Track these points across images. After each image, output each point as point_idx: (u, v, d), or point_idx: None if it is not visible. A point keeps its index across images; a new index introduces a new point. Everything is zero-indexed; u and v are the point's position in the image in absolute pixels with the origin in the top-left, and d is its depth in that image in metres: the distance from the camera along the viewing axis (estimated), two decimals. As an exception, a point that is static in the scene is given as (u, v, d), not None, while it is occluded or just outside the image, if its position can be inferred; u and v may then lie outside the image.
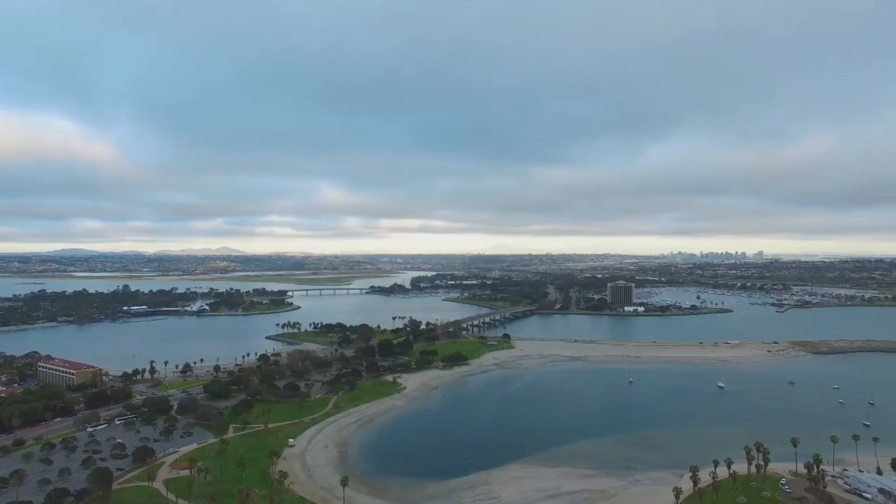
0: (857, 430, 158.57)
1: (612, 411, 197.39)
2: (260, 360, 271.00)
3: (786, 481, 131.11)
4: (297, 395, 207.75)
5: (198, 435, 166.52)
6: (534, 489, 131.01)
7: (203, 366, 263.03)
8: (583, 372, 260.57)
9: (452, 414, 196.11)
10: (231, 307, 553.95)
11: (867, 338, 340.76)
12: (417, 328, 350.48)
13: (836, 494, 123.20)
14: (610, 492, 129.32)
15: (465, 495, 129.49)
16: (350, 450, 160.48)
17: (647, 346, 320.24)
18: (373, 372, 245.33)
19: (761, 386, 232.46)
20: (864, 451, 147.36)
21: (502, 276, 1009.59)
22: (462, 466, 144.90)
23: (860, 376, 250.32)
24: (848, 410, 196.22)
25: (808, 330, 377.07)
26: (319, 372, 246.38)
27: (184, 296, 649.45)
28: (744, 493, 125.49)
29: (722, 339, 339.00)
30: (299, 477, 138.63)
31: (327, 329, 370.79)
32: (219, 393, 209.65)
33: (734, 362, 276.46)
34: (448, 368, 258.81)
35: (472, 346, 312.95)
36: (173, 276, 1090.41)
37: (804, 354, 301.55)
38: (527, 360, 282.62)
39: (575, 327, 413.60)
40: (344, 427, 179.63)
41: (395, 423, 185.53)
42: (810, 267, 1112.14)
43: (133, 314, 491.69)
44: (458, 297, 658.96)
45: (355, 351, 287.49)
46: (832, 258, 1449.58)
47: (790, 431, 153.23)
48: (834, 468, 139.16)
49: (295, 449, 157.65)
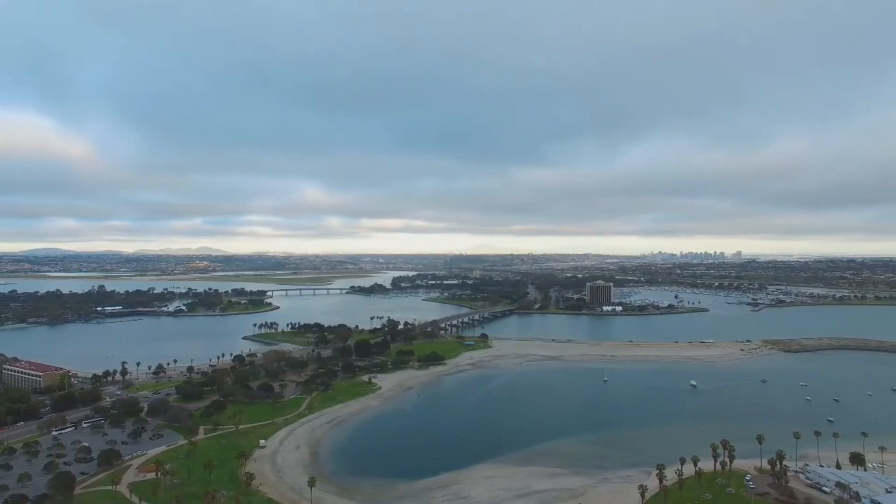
0: (821, 426, 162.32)
1: (586, 410, 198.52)
2: (235, 360, 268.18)
3: (750, 477, 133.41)
4: (270, 395, 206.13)
5: (168, 437, 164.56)
6: (503, 488, 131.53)
7: (177, 367, 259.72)
8: (558, 371, 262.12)
9: (426, 414, 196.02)
10: (209, 307, 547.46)
11: (836, 336, 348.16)
12: (395, 328, 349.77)
13: (798, 489, 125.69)
14: (579, 490, 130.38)
15: (435, 495, 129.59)
16: (322, 450, 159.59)
17: (624, 346, 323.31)
18: (348, 372, 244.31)
19: (733, 384, 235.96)
20: (827, 447, 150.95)
21: (483, 276, 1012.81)
22: (433, 466, 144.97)
23: (827, 374, 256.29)
24: (814, 407, 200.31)
25: (781, 329, 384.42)
26: (295, 372, 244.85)
27: (161, 296, 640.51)
28: (709, 490, 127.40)
29: (697, 338, 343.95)
30: (269, 478, 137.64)
31: (305, 329, 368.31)
32: (191, 394, 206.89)
33: (707, 361, 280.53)
34: (424, 368, 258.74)
35: (450, 345, 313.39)
36: (151, 276, 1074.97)
37: (776, 353, 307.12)
38: (503, 359, 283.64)
39: (553, 327, 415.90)
40: (317, 428, 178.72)
41: (368, 424, 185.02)
42: (785, 267, 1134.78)
43: (107, 315, 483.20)
44: (439, 297, 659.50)
45: (332, 351, 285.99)
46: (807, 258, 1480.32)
47: (758, 428, 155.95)
48: (797, 464, 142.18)
49: (266, 450, 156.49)
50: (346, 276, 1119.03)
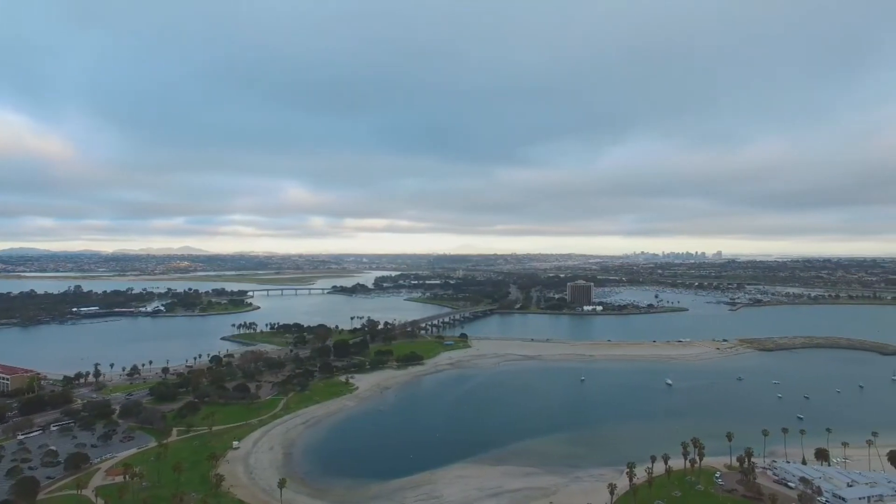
0: (791, 423, 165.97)
1: (562, 409, 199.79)
2: (212, 361, 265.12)
3: (720, 474, 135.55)
4: (246, 396, 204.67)
5: (139, 439, 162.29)
6: (476, 488, 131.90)
7: (152, 368, 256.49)
8: (536, 371, 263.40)
9: (403, 414, 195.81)
10: (188, 308, 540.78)
11: (809, 334, 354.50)
12: (375, 328, 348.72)
13: (765, 485, 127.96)
14: (551, 489, 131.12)
15: (408, 495, 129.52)
16: (296, 451, 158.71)
17: (602, 345, 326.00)
18: (326, 372, 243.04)
19: (708, 383, 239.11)
20: (794, 443, 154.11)
21: (466, 276, 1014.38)
22: (408, 466, 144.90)
23: (799, 372, 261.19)
24: (785, 404, 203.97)
25: (757, 328, 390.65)
26: (272, 373, 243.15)
27: (139, 296, 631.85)
28: (679, 487, 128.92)
29: (675, 337, 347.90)
30: (241, 480, 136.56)
31: (284, 329, 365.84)
32: (165, 395, 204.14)
33: (684, 360, 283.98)
34: (402, 368, 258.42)
35: (429, 345, 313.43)
36: (131, 276, 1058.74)
37: (751, 351, 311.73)
38: (482, 359, 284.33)
39: (533, 327, 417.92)
40: (291, 428, 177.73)
41: (343, 424, 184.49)
42: (764, 267, 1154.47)
43: (83, 315, 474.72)
44: (420, 297, 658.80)
45: (310, 351, 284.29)
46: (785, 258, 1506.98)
47: (730, 426, 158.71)
48: (764, 460, 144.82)
49: (239, 451, 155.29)
50: (329, 276, 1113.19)
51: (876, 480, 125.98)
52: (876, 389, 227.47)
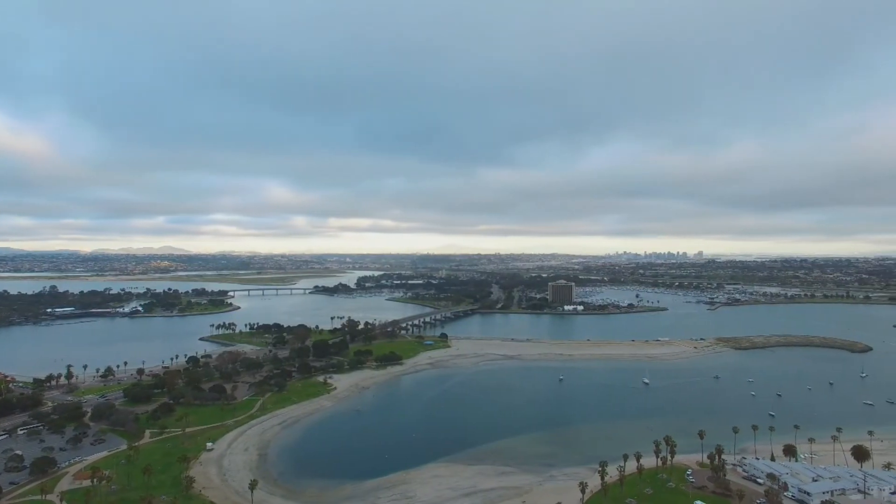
0: (764, 420, 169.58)
1: (539, 409, 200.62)
2: (189, 361, 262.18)
3: (691, 472, 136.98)
4: (222, 397, 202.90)
5: (111, 442, 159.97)
6: (450, 488, 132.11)
7: (127, 369, 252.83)
8: (515, 370, 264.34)
9: (380, 414, 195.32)
10: (167, 308, 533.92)
11: (784, 333, 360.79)
12: (355, 328, 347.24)
13: (734, 481, 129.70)
14: (524, 488, 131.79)
15: (382, 495, 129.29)
16: (270, 452, 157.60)
17: (582, 345, 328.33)
18: (304, 373, 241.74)
19: (684, 381, 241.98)
20: (764, 440, 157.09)
21: (449, 276, 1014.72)
22: (383, 467, 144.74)
23: (773, 370, 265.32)
24: (758, 402, 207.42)
25: (734, 327, 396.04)
26: (250, 373, 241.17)
27: (117, 296, 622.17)
28: (651, 485, 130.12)
29: (653, 336, 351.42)
30: (213, 481, 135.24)
31: (264, 330, 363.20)
32: (139, 397, 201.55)
33: (661, 359, 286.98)
34: (381, 368, 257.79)
35: (409, 345, 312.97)
36: (109, 276, 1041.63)
37: (727, 350, 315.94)
38: (461, 359, 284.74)
39: (514, 326, 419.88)
40: (268, 429, 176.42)
41: (320, 424, 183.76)
42: (743, 266, 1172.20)
43: (57, 316, 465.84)
44: (403, 297, 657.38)
45: (289, 352, 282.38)
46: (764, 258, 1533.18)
47: (703, 424, 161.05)
48: (734, 457, 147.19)
49: (213, 453, 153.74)
50: (312, 276, 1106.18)
51: (839, 475, 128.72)
52: (845, 387, 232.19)
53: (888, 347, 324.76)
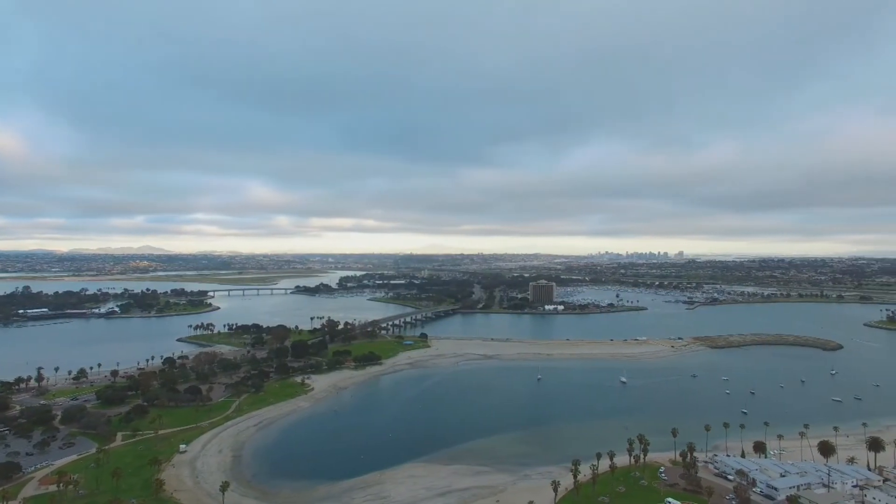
0: (737, 418, 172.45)
1: (517, 408, 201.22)
2: (165, 363, 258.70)
3: (664, 469, 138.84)
4: (197, 398, 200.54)
5: (81, 445, 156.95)
6: (425, 487, 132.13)
7: (101, 371, 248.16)
8: (494, 370, 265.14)
9: (357, 414, 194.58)
10: (144, 308, 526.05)
11: (759, 332, 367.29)
12: (335, 328, 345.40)
13: (706, 478, 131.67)
14: (498, 488, 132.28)
15: (356, 496, 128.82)
16: (245, 454, 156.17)
17: (561, 344, 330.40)
18: (282, 373, 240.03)
19: (660, 380, 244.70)
20: (736, 437, 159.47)
21: (431, 276, 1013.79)
22: (358, 467, 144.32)
23: (747, 368, 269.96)
24: (732, 400, 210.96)
25: (712, 326, 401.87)
26: (226, 374, 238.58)
27: (93, 297, 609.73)
28: (624, 483, 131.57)
29: (632, 336, 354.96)
30: (185, 484, 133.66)
31: (242, 330, 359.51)
32: (112, 399, 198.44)
33: (639, 358, 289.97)
34: (360, 368, 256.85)
35: (388, 345, 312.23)
36: (86, 277, 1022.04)
37: (703, 349, 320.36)
38: (441, 358, 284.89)
39: (495, 326, 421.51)
40: (243, 430, 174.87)
41: (297, 425, 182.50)
42: (722, 266, 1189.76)
43: (30, 317, 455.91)
44: (384, 297, 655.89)
45: (267, 352, 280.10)
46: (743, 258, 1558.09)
47: (678, 422, 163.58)
48: (706, 454, 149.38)
49: (186, 455, 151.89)
50: (293, 276, 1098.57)
51: (806, 470, 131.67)
52: (816, 384, 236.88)
53: (857, 345, 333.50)
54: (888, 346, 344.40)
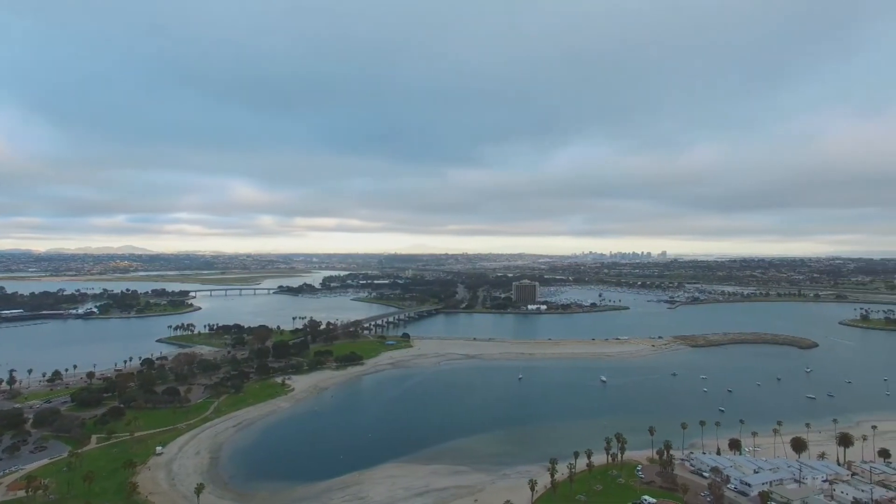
0: (714, 416, 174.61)
1: (497, 408, 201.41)
2: (144, 364, 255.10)
3: (641, 467, 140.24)
4: (175, 400, 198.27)
5: (53, 449, 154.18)
6: (403, 487, 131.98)
7: (76, 373, 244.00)
8: (476, 370, 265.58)
9: (338, 415, 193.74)
10: (124, 309, 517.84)
11: (738, 331, 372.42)
12: (316, 328, 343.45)
13: (682, 476, 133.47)
14: (477, 487, 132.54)
15: (334, 496, 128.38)
16: (223, 455, 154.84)
17: (543, 344, 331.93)
18: (263, 374, 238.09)
19: (640, 379, 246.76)
20: (712, 435, 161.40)
21: (415, 276, 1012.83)
22: (337, 468, 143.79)
23: (725, 366, 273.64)
24: (710, 398, 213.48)
25: (692, 325, 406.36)
26: (206, 375, 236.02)
27: (71, 298, 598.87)
28: (601, 482, 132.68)
29: (613, 335, 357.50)
30: (160, 486, 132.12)
31: (223, 330, 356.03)
32: (88, 401, 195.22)
33: (619, 357, 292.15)
34: (341, 369, 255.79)
35: (371, 345, 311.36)
36: (64, 277, 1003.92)
37: (683, 348, 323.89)
38: (423, 358, 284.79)
39: (478, 326, 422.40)
40: (221, 431, 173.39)
41: (276, 426, 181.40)
42: (704, 266, 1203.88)
43: (4, 318, 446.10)
44: (367, 297, 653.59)
45: (248, 352, 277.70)
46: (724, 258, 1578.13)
47: (657, 420, 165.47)
48: (684, 452, 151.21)
49: (162, 457, 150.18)
50: (277, 276, 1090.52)
51: (778, 466, 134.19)
52: (791, 381, 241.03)
53: (832, 343, 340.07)
54: (861, 344, 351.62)
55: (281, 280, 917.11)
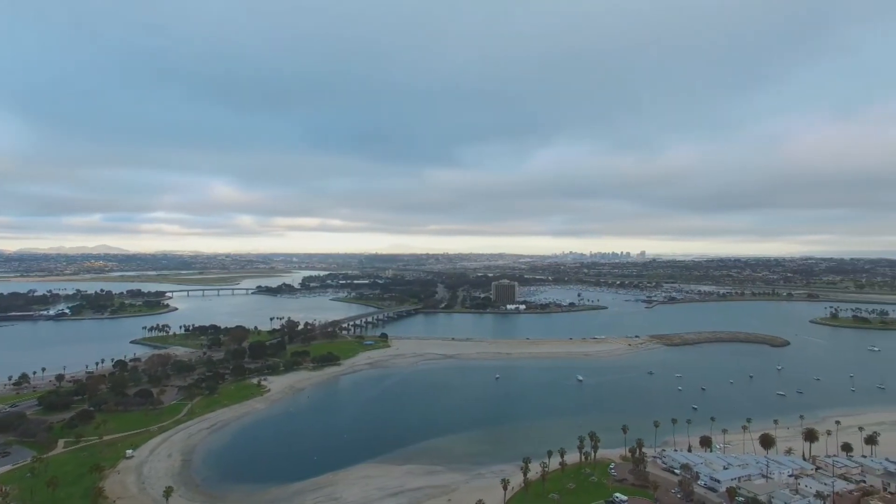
0: (688, 414, 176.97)
1: (474, 407, 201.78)
2: (116, 366, 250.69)
3: (614, 465, 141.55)
4: (148, 402, 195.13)
5: (17, 454, 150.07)
6: (377, 488, 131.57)
7: (45, 376, 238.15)
8: (453, 369, 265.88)
9: (313, 416, 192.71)
10: (97, 310, 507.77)
11: (713, 329, 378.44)
12: (294, 329, 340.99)
13: (654, 473, 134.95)
14: (451, 487, 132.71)
15: (308, 498, 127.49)
16: (195, 457, 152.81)
17: (521, 343, 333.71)
18: (238, 375, 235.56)
19: (616, 378, 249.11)
20: (685, 433, 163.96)
21: (395, 276, 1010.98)
22: (312, 469, 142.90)
23: (700, 365, 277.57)
24: (684, 396, 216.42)
25: (668, 324, 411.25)
26: (180, 377, 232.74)
27: (42, 299, 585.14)
28: (574, 480, 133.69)
29: (591, 334, 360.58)
30: (129, 491, 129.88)
31: (200, 331, 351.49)
32: (56, 405, 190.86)
33: (596, 357, 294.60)
34: (318, 369, 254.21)
35: (348, 345, 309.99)
36: (35, 277, 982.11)
37: (659, 347, 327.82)
38: (400, 358, 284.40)
39: (457, 326, 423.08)
40: (194, 433, 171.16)
41: (251, 428, 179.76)
42: (682, 266, 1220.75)
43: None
44: (347, 297, 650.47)
45: (224, 353, 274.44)
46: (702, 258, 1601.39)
47: (631, 418, 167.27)
48: (656, 449, 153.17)
49: (133, 461, 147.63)
50: (256, 276, 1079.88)
51: (747, 462, 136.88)
52: (762, 379, 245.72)
53: (803, 341, 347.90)
54: (831, 341, 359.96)
55: (260, 280, 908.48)
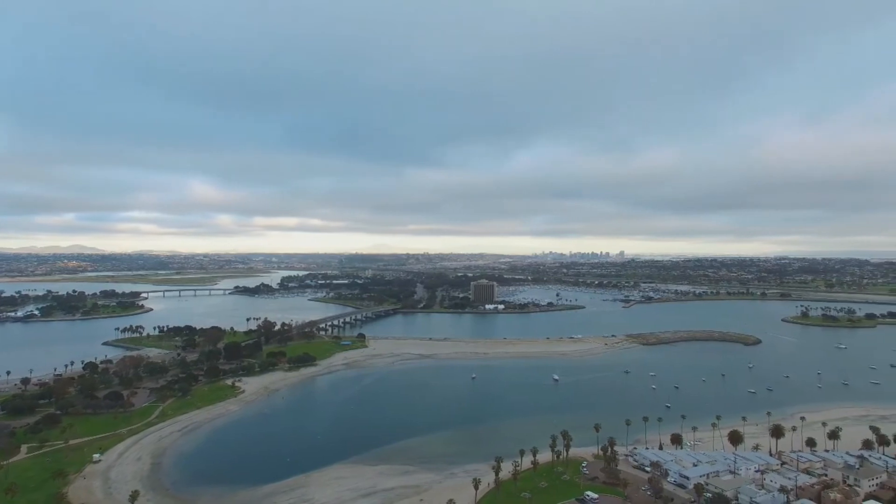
0: (661, 412, 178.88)
1: (450, 407, 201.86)
2: (86, 368, 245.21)
3: (586, 464, 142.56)
4: (118, 404, 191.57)
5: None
6: (350, 489, 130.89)
7: (10, 379, 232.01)
8: (430, 369, 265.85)
9: (288, 417, 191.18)
10: (68, 311, 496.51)
11: (689, 328, 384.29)
12: (271, 329, 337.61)
13: (625, 471, 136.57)
14: (424, 487, 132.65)
15: (279, 499, 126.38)
16: (166, 461, 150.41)
17: (498, 343, 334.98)
18: (212, 376, 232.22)
19: (592, 377, 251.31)
20: (656, 431, 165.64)
21: (375, 276, 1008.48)
22: (284, 471, 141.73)
23: (674, 363, 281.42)
24: (658, 394, 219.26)
25: (645, 323, 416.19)
26: (153, 379, 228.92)
27: (10, 300, 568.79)
28: (546, 479, 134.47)
29: (569, 334, 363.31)
30: (95, 496, 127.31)
31: (174, 332, 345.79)
32: (20, 409, 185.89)
33: (573, 356, 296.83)
34: (294, 370, 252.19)
35: (325, 346, 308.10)
36: (5, 278, 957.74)
37: (635, 346, 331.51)
38: (377, 358, 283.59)
39: (435, 326, 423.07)
40: (165, 436, 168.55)
41: (224, 430, 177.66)
42: (660, 266, 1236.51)
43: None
44: (325, 297, 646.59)
45: (199, 355, 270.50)
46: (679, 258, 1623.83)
47: (604, 417, 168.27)
48: (628, 447, 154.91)
49: (100, 465, 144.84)
50: (234, 276, 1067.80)
51: (716, 458, 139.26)
52: (734, 377, 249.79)
53: (774, 340, 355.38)
54: (801, 339, 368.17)
55: (238, 280, 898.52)
